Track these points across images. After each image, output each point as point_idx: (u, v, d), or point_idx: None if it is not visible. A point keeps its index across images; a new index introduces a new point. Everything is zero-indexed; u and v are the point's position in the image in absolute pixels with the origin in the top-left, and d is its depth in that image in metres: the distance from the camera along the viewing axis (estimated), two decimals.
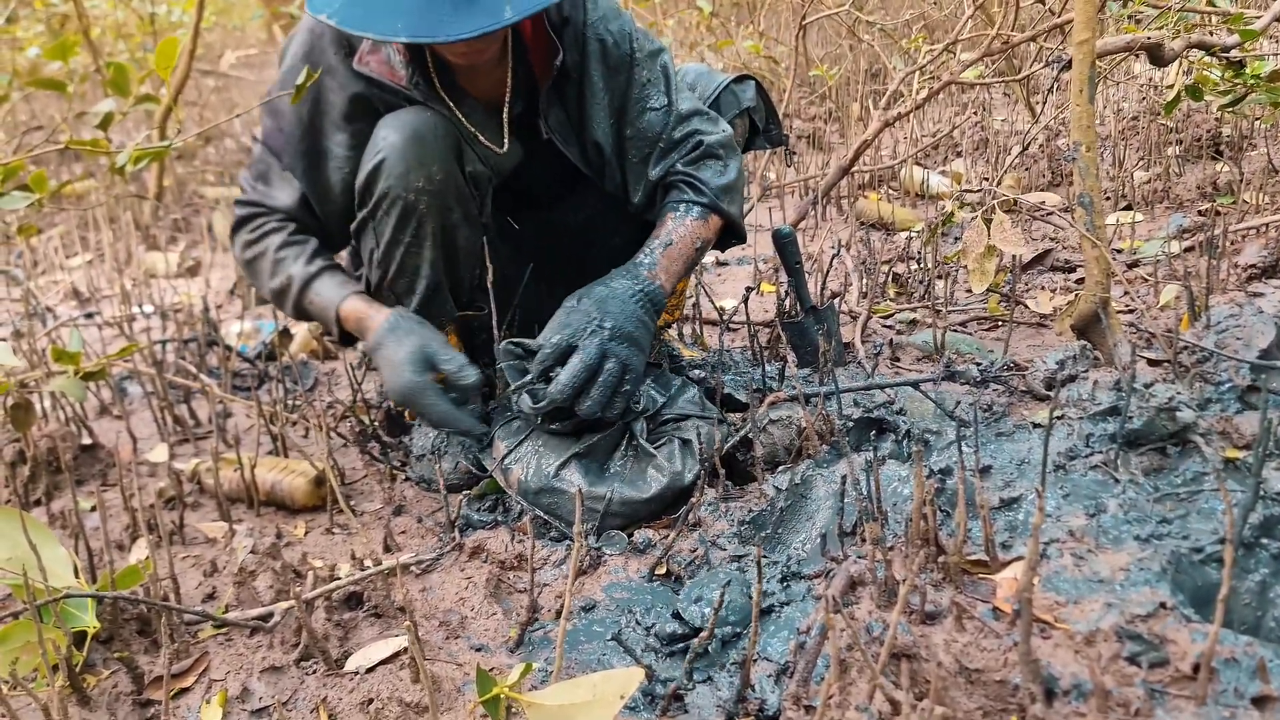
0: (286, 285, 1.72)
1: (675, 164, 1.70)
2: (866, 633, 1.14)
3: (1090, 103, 1.73)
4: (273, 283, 1.74)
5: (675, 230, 1.67)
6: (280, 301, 1.76)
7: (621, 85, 1.70)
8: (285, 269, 1.72)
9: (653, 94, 1.71)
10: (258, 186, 1.75)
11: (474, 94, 1.68)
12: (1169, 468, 1.41)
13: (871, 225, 3.44)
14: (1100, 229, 1.76)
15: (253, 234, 1.74)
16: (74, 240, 4.27)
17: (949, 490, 1.45)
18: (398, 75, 1.59)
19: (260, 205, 1.74)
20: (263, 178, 1.74)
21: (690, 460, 1.59)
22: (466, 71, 1.65)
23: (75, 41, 1.78)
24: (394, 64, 1.59)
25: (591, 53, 1.67)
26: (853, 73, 5.34)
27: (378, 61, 1.59)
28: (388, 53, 1.59)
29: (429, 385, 1.61)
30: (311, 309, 1.73)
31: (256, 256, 1.74)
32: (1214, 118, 3.64)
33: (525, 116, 1.73)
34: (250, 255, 1.75)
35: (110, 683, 1.32)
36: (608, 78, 1.69)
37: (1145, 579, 1.16)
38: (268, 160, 1.72)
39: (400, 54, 1.58)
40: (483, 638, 1.36)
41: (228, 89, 7.61)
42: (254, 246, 1.74)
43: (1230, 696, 0.99)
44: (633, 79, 1.70)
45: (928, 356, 2.15)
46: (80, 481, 1.98)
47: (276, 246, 1.72)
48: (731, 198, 1.73)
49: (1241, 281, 2.27)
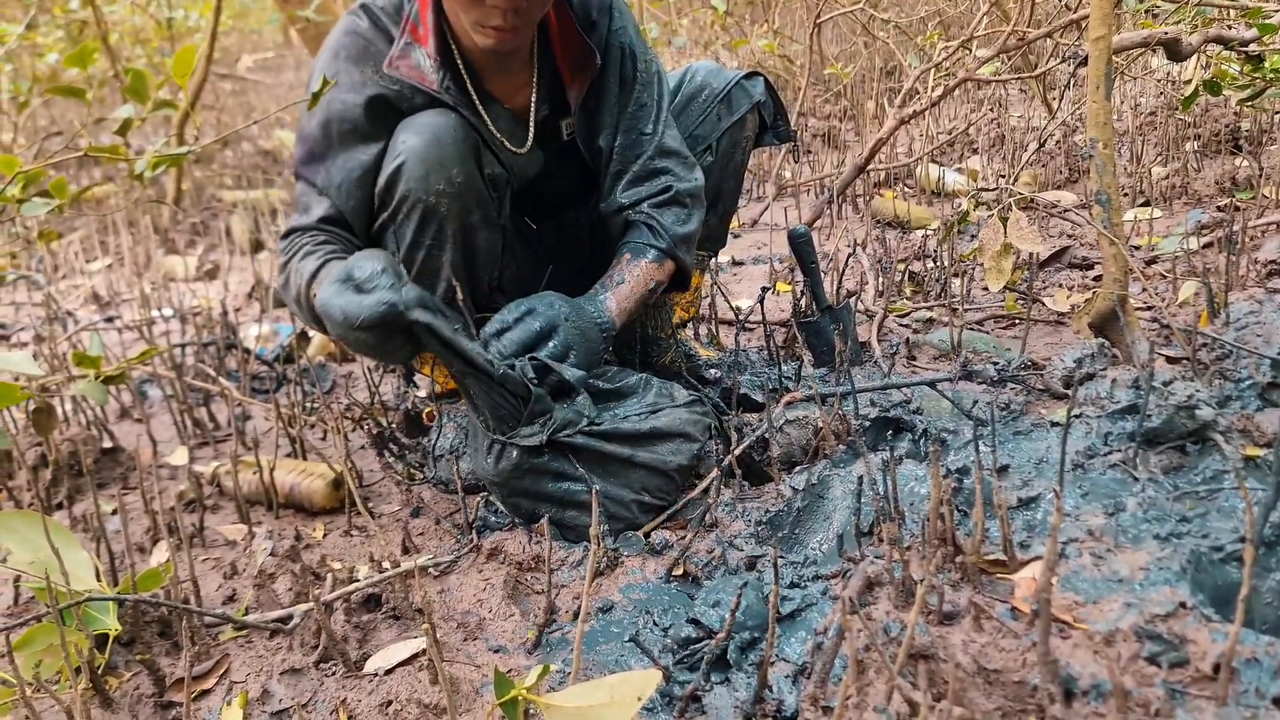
0: (300, 288, 1.63)
1: (643, 203, 1.73)
2: (884, 633, 1.14)
3: (1107, 99, 1.72)
4: (292, 292, 1.65)
5: (630, 270, 1.70)
6: (299, 308, 1.66)
7: (624, 99, 1.74)
8: (302, 272, 1.63)
9: (645, 119, 1.74)
10: (297, 218, 1.70)
11: (500, 98, 1.69)
12: (1188, 466, 1.40)
13: (887, 223, 3.43)
14: (1118, 226, 1.75)
15: (286, 258, 1.67)
16: (94, 245, 4.30)
17: (966, 490, 1.44)
18: (428, 79, 1.60)
19: (296, 229, 1.69)
20: (303, 210, 1.69)
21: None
22: (494, 74, 1.66)
23: (94, 48, 1.80)
24: (424, 68, 1.59)
25: (612, 61, 1.71)
26: (868, 70, 5.32)
27: (407, 66, 1.60)
28: (417, 58, 1.60)
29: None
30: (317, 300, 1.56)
31: (288, 274, 1.66)
32: (1233, 112, 3.61)
33: (548, 120, 1.75)
34: (284, 278, 1.67)
35: (132, 685, 1.33)
36: (618, 88, 1.73)
37: (1165, 578, 1.16)
38: (304, 191, 1.69)
39: (431, 58, 1.59)
40: (501, 639, 1.36)
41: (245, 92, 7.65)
42: (286, 267, 1.66)
43: (1251, 697, 0.98)
44: (633, 97, 1.74)
45: (944, 355, 2.14)
46: (101, 485, 2.00)
47: (300, 256, 1.65)
48: (688, 247, 1.76)
49: (1261, 278, 2.26)
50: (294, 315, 1.71)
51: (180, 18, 5.57)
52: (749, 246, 3.44)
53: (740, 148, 1.91)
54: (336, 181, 1.64)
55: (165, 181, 4.81)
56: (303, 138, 1.67)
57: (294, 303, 1.65)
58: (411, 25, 1.60)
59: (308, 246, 1.63)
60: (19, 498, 1.94)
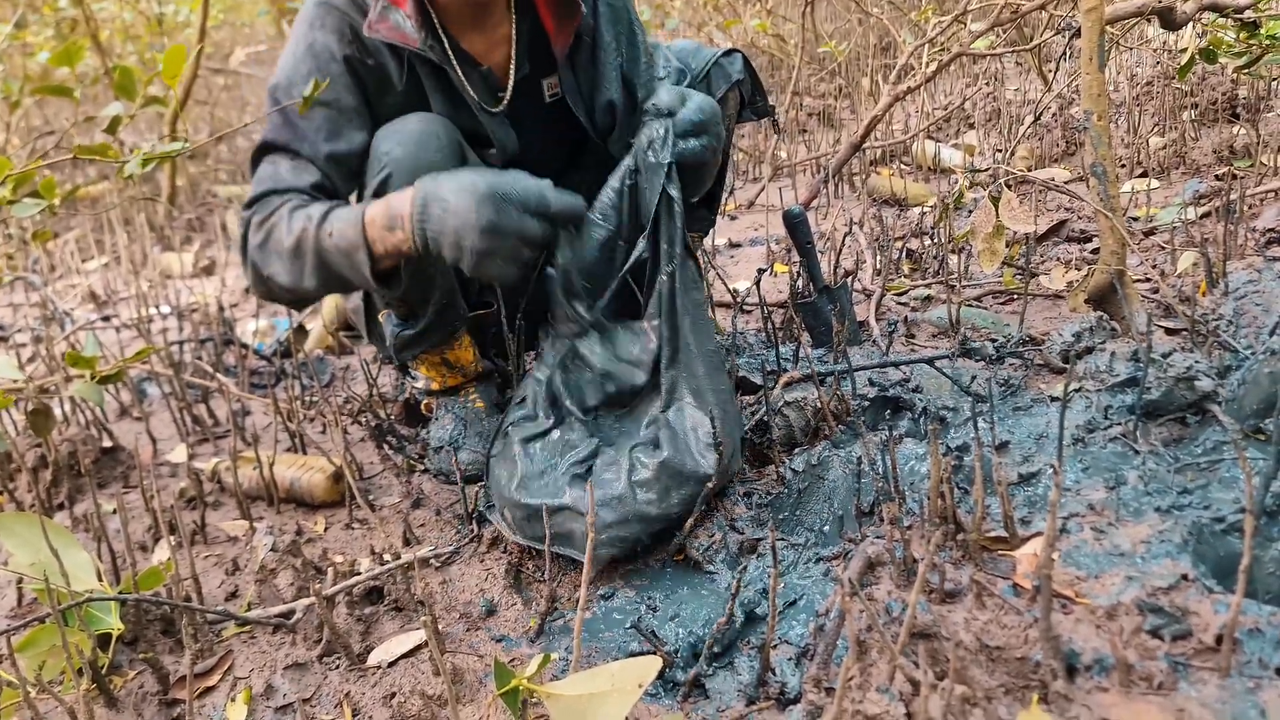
0: (303, 231, 1.50)
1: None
2: (886, 613, 1.14)
3: (1101, 70, 1.71)
4: (288, 241, 1.52)
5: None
6: (297, 258, 1.52)
7: (625, 48, 1.73)
8: (299, 218, 1.52)
9: (658, 64, 1.77)
10: (265, 185, 1.60)
11: (477, 57, 1.66)
12: (1189, 438, 1.40)
13: (884, 201, 3.42)
14: (1114, 198, 1.74)
15: (262, 213, 1.56)
16: (90, 244, 4.29)
17: (967, 467, 1.44)
18: (410, 39, 1.57)
19: (270, 192, 1.59)
20: (271, 178, 1.60)
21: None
22: (470, 31, 1.63)
23: (81, 47, 1.79)
24: (405, 29, 1.57)
25: (602, 14, 1.70)
26: (862, 47, 5.29)
27: (387, 28, 1.57)
28: (396, 19, 1.57)
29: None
30: (332, 240, 1.49)
31: (270, 227, 1.54)
32: (1229, 80, 3.59)
33: (528, 81, 1.72)
34: (264, 232, 1.55)
35: (136, 683, 1.33)
36: (616, 39, 1.72)
37: (1166, 551, 1.15)
38: (276, 161, 1.62)
39: (410, 18, 1.57)
40: (503, 628, 1.36)
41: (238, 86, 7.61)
42: (266, 221, 1.55)
43: (1255, 667, 0.98)
44: (636, 45, 1.74)
45: (943, 332, 2.13)
46: (102, 484, 2.00)
47: (291, 208, 1.55)
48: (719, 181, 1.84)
49: (1260, 246, 2.24)
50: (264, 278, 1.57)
51: (170, 13, 5.54)
52: (746, 228, 3.43)
53: (724, 125, 1.90)
54: (324, 153, 1.59)
55: (160, 178, 4.79)
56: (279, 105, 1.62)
57: (289, 255, 1.52)
58: None
59: (294, 201, 1.55)
60: (20, 499, 1.94)
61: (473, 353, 1.85)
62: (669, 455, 1.40)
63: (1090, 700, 0.98)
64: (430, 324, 1.73)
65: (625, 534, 1.39)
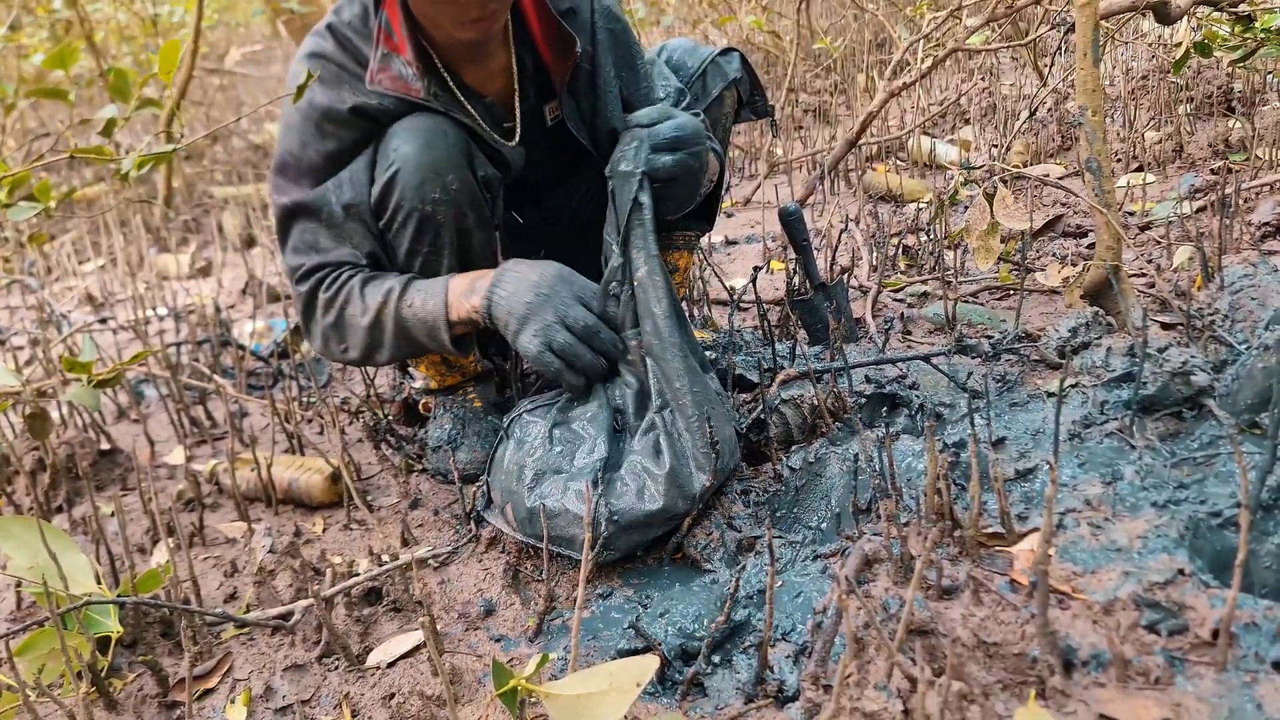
0: (381, 307, 1.60)
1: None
2: (883, 610, 1.14)
3: (1095, 65, 1.71)
4: (364, 320, 1.62)
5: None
6: (375, 330, 1.62)
7: (625, 75, 1.73)
8: (374, 294, 1.61)
9: (656, 85, 1.77)
10: (312, 256, 1.65)
11: (478, 88, 1.67)
12: (1185, 432, 1.40)
13: (880, 198, 3.42)
14: (1110, 193, 1.74)
15: (329, 290, 1.63)
16: (86, 246, 4.29)
17: (964, 464, 1.44)
18: (412, 89, 1.57)
19: (325, 265, 1.65)
20: (313, 247, 1.64)
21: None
22: (469, 66, 1.65)
23: (75, 48, 1.79)
24: (407, 77, 1.57)
25: (601, 42, 1.70)
26: (858, 44, 5.29)
27: (389, 78, 1.57)
28: (398, 68, 1.57)
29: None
30: (413, 308, 1.59)
31: (343, 303, 1.63)
32: (1225, 74, 3.59)
33: (532, 106, 1.74)
34: (336, 309, 1.63)
35: (136, 686, 1.33)
36: (616, 67, 1.72)
37: (1163, 546, 1.16)
38: (310, 227, 1.64)
39: (412, 65, 1.57)
40: (502, 628, 1.36)
41: (233, 87, 7.61)
42: (337, 297, 1.63)
43: (1251, 661, 0.98)
44: (635, 70, 1.74)
45: (940, 329, 2.14)
46: (100, 487, 2.00)
47: (362, 281, 1.62)
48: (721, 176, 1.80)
49: (1255, 240, 2.25)
50: (337, 352, 1.70)
51: (165, 14, 5.54)
52: (742, 225, 3.43)
53: (720, 126, 1.90)
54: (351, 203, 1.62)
55: (156, 180, 4.79)
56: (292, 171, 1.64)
57: (367, 329, 1.63)
58: (385, 34, 1.56)
59: (361, 275, 1.63)
60: (18, 502, 1.94)
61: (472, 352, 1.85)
62: (673, 465, 1.40)
63: (1087, 696, 0.98)
64: None
65: (632, 540, 1.41)
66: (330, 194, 1.62)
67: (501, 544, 1.54)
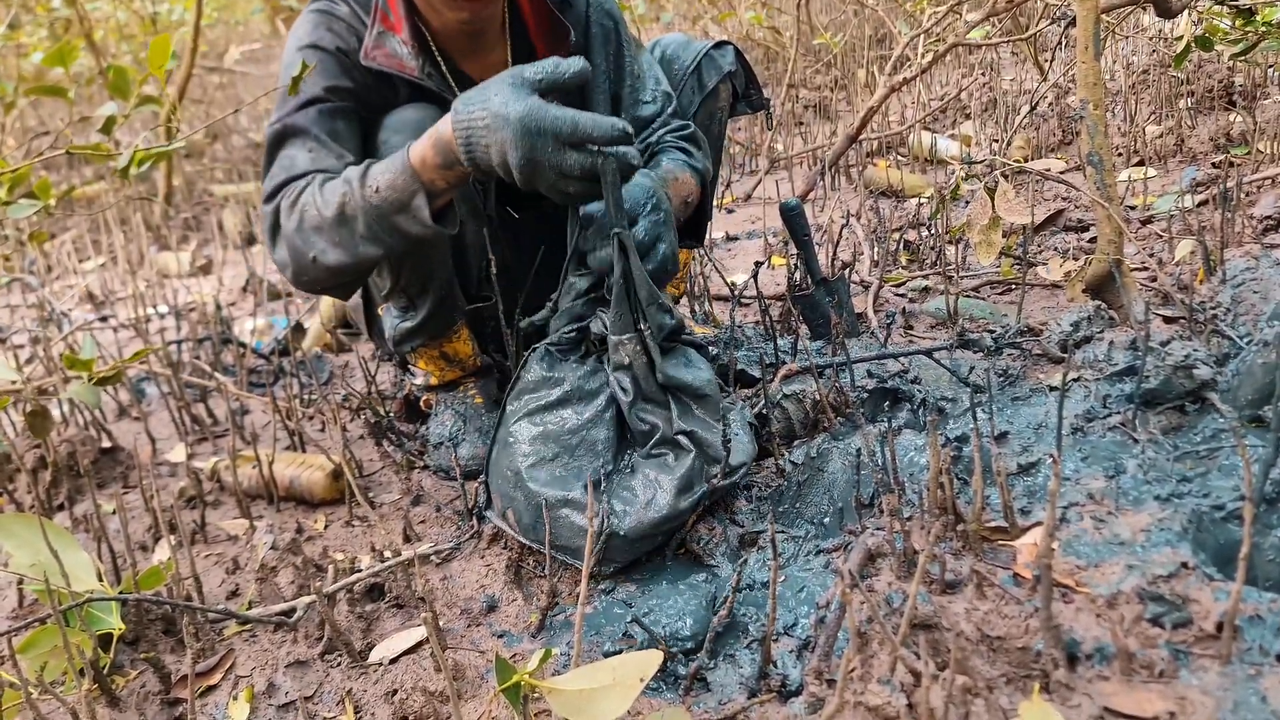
0: (344, 196, 1.44)
1: (665, 136, 1.72)
2: (886, 604, 1.14)
3: (1096, 59, 1.71)
4: (329, 211, 1.45)
5: (674, 171, 1.65)
6: (343, 225, 1.45)
7: (615, 73, 1.73)
8: (334, 187, 1.46)
9: (645, 87, 1.74)
10: (284, 174, 1.55)
11: (475, 79, 1.67)
12: (1188, 426, 1.40)
13: (881, 193, 3.41)
14: (1111, 187, 1.74)
15: (291, 199, 1.50)
16: (86, 244, 4.29)
17: (966, 458, 1.44)
18: (407, 67, 1.57)
19: (292, 177, 1.53)
20: (288, 170, 1.54)
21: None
22: (466, 55, 1.64)
23: (74, 47, 1.78)
24: (402, 55, 1.57)
25: (595, 36, 1.70)
26: (858, 39, 5.29)
27: (384, 55, 1.57)
28: (393, 46, 1.57)
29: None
30: (379, 194, 1.42)
31: (304, 206, 1.48)
32: (1226, 67, 3.59)
33: None
34: (297, 213, 1.48)
35: (138, 683, 1.33)
36: (607, 64, 1.71)
37: (1166, 539, 1.15)
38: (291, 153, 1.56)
39: (407, 44, 1.57)
40: (504, 624, 1.36)
41: (233, 85, 7.61)
42: (298, 201, 1.49)
43: (1255, 654, 0.98)
44: (624, 68, 1.73)
45: (941, 324, 2.13)
46: (101, 485, 2.00)
47: (320, 182, 1.49)
48: (711, 184, 1.75)
49: (1257, 233, 2.24)
50: (307, 263, 1.50)
51: (165, 12, 5.53)
52: (743, 221, 3.43)
53: (716, 119, 1.89)
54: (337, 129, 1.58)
55: (156, 178, 4.79)
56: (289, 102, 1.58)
57: (333, 221, 1.45)
58: (381, 13, 1.57)
59: (321, 177, 1.50)
60: (19, 500, 1.93)
61: (471, 346, 1.85)
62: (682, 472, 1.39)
63: (1091, 689, 0.98)
64: (429, 314, 1.74)
65: (637, 551, 1.40)
66: (325, 119, 1.56)
67: (503, 540, 1.54)
